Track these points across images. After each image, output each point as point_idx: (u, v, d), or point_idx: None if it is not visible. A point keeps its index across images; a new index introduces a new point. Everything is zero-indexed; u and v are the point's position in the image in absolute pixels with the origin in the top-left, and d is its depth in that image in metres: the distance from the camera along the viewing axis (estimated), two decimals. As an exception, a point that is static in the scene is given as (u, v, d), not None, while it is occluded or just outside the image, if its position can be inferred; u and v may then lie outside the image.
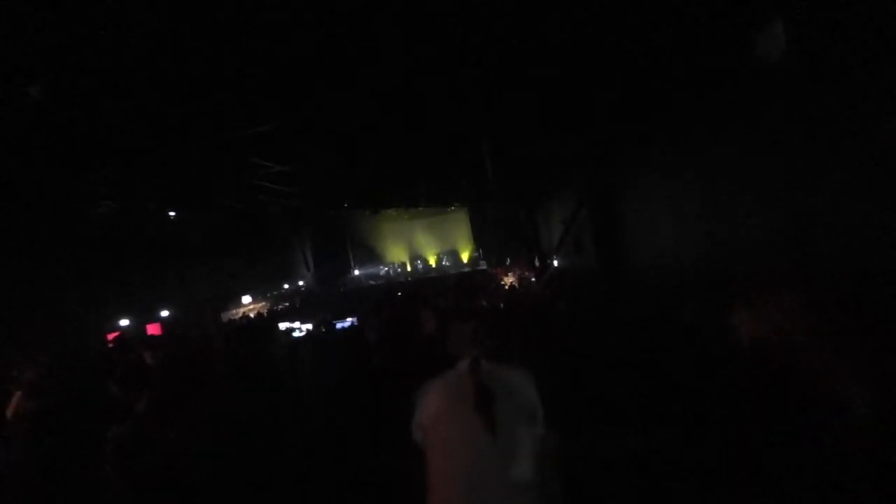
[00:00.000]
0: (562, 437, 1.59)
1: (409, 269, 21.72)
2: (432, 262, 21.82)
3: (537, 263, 11.34)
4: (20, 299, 7.99)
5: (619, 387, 2.49)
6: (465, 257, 21.45)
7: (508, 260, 16.15)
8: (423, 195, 12.94)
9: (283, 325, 7.16)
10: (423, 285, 14.17)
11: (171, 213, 9.46)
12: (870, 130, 2.49)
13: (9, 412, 1.66)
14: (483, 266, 18.56)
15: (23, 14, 2.43)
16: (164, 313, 11.52)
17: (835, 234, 2.86)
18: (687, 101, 4.44)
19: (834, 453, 1.25)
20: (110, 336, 9.57)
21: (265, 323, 7.51)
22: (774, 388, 1.41)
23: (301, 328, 6.72)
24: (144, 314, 10.89)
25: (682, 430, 1.93)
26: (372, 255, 22.71)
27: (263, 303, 15.52)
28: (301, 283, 19.20)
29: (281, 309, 13.91)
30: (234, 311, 13.50)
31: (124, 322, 10.28)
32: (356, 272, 22.25)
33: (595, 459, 2.05)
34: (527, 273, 11.82)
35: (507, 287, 9.49)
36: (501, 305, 6.12)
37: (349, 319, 6.19)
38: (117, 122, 3.98)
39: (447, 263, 21.13)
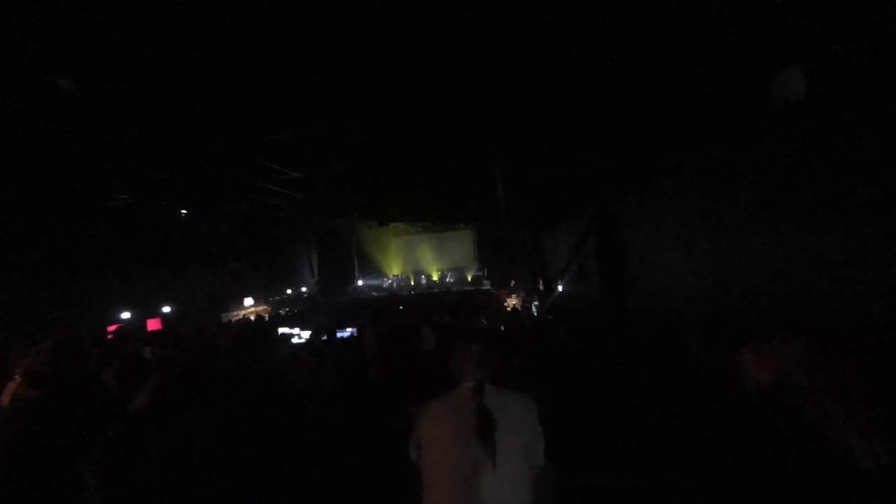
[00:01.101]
0: (559, 467, 1.56)
1: (412, 283, 21.72)
2: (436, 277, 21.82)
3: (541, 287, 11.29)
4: (23, 287, 8.07)
5: (617, 419, 2.45)
6: (468, 275, 21.42)
7: (513, 282, 16.11)
8: (431, 211, 13.00)
9: (282, 330, 7.13)
10: (426, 300, 14.14)
11: (183, 212, 9.55)
12: (889, 174, 2.48)
13: (4, 400, 1.65)
14: (487, 286, 18.53)
15: (52, 8, 2.51)
16: (166, 309, 11.56)
17: (849, 280, 2.82)
18: (700, 134, 4.47)
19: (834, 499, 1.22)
20: (110, 328, 9.61)
21: (266, 330, 7.50)
22: (776, 432, 1.39)
23: (301, 335, 6.69)
24: (146, 308, 10.94)
25: (680, 468, 1.88)
26: (376, 267, 22.77)
27: (265, 306, 15.52)
28: (304, 289, 19.23)
29: (282, 314, 13.91)
30: (234, 313, 13.50)
31: (125, 315, 10.31)
32: (359, 282, 22.29)
33: (590, 492, 2.00)
34: (530, 296, 11.76)
35: (509, 309, 9.44)
36: (503, 328, 6.06)
37: (349, 329, 6.16)
38: (136, 120, 4.05)
39: (451, 280, 21.11)
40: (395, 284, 21.54)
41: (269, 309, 15.28)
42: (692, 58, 3.14)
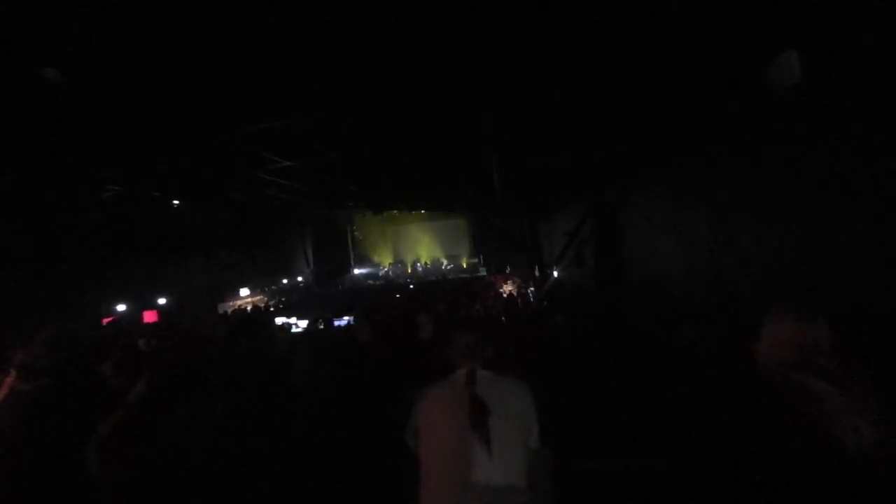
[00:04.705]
0: (555, 451, 1.58)
1: (408, 270, 21.73)
2: (432, 265, 21.84)
3: (537, 273, 11.33)
4: (18, 280, 8.01)
5: (613, 403, 2.48)
6: (464, 262, 21.47)
7: (508, 268, 16.17)
8: (426, 199, 12.96)
9: (279, 320, 7.14)
10: (422, 288, 14.17)
11: (175, 203, 9.44)
12: (885, 160, 2.47)
13: (0, 395, 1.65)
14: (482, 272, 18.58)
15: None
16: (162, 301, 11.52)
17: (843, 265, 2.83)
18: (696, 123, 4.45)
19: (833, 483, 1.23)
20: (105, 320, 9.59)
21: (263, 319, 7.49)
22: (773, 413, 1.39)
23: (298, 324, 6.71)
24: (142, 300, 10.90)
25: (676, 451, 1.91)
26: (372, 255, 22.75)
27: (261, 296, 15.51)
28: (300, 279, 19.21)
29: (278, 303, 13.91)
30: (230, 304, 13.48)
31: (121, 307, 10.27)
32: (355, 271, 22.28)
33: (587, 475, 2.03)
34: (526, 283, 11.81)
35: (505, 295, 9.48)
36: (500, 314, 6.10)
37: (346, 318, 6.18)
38: (128, 110, 3.98)
39: (447, 267, 21.14)
40: (390, 273, 21.54)
41: (266, 299, 15.27)
42: (688, 48, 3.11)
